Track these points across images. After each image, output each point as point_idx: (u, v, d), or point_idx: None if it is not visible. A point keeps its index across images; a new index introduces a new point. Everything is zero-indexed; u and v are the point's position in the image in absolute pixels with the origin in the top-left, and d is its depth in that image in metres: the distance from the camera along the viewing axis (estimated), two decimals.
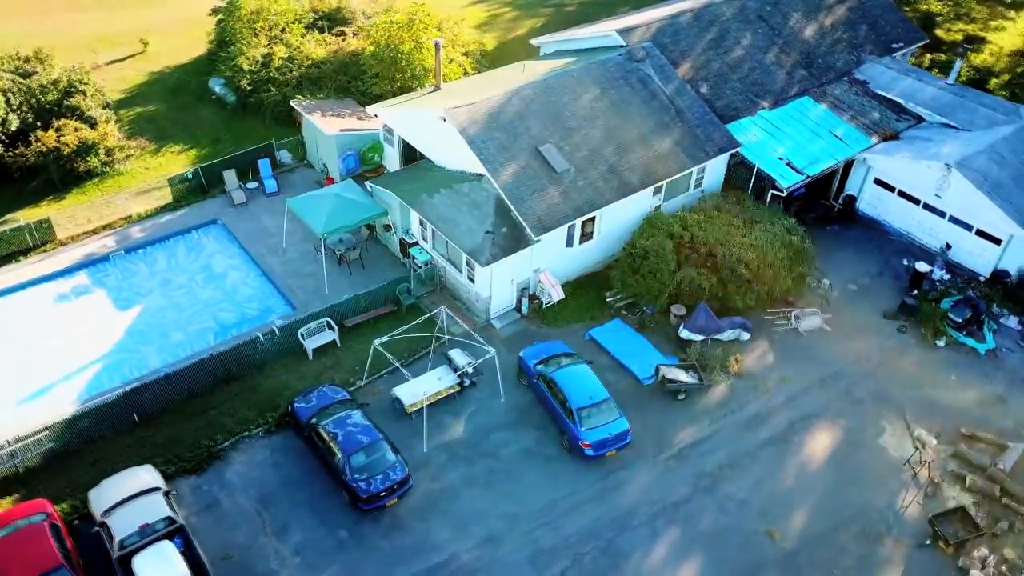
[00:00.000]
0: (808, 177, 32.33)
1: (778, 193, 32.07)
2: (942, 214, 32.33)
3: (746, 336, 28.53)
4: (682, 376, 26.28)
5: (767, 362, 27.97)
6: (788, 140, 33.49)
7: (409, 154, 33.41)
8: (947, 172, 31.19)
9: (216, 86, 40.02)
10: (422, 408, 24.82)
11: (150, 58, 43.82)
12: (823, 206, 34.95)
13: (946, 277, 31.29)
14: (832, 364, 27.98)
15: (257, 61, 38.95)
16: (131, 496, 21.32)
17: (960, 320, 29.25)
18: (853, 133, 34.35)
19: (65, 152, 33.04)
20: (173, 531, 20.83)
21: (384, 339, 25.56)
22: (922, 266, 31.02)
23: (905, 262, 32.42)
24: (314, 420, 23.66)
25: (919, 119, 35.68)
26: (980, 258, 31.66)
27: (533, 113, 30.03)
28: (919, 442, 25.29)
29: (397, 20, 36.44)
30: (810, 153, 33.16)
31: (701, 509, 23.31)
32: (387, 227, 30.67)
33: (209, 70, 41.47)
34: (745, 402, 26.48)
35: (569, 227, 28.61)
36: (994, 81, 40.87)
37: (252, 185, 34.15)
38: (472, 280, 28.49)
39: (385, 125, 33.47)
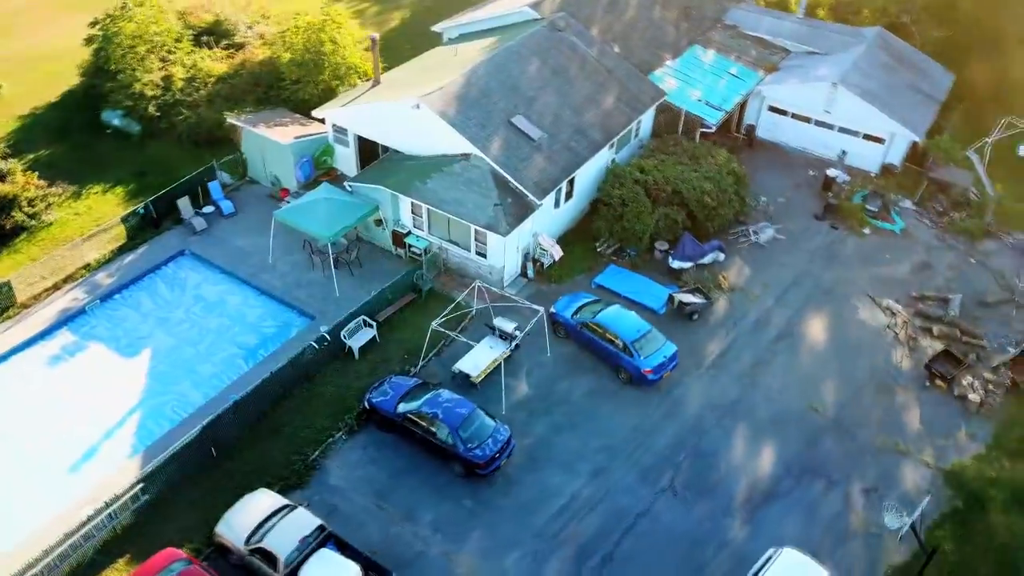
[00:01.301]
0: (726, 112, 36.91)
1: (707, 130, 36.38)
2: (831, 127, 38.17)
3: (722, 257, 32.52)
4: (693, 298, 29.76)
5: (746, 274, 32.16)
6: (698, 84, 37.86)
7: (365, 151, 34.12)
8: (833, 89, 36.92)
9: (113, 119, 37.81)
10: (486, 376, 26.45)
11: (9, 102, 40.29)
12: (730, 138, 39.79)
13: (847, 179, 37.12)
14: (795, 265, 32.72)
15: (158, 85, 37.34)
16: (270, 516, 21.36)
17: (876, 209, 35.16)
18: (744, 70, 39.41)
19: None
20: (324, 538, 21.20)
21: (439, 320, 26.78)
22: (832, 172, 36.62)
23: (812, 172, 37.98)
24: (403, 408, 24.56)
25: (786, 51, 41.47)
26: (869, 158, 37.86)
27: (494, 90, 31.98)
28: (889, 310, 30.60)
29: (311, 23, 36.47)
30: (719, 92, 37.75)
31: (753, 403, 26.97)
32: (378, 222, 31.37)
33: (92, 104, 38.92)
34: (745, 311, 30.47)
35: (557, 189, 31.02)
36: (820, 12, 47.82)
37: (208, 210, 33.23)
38: (483, 255, 30.14)
39: (335, 126, 33.85)
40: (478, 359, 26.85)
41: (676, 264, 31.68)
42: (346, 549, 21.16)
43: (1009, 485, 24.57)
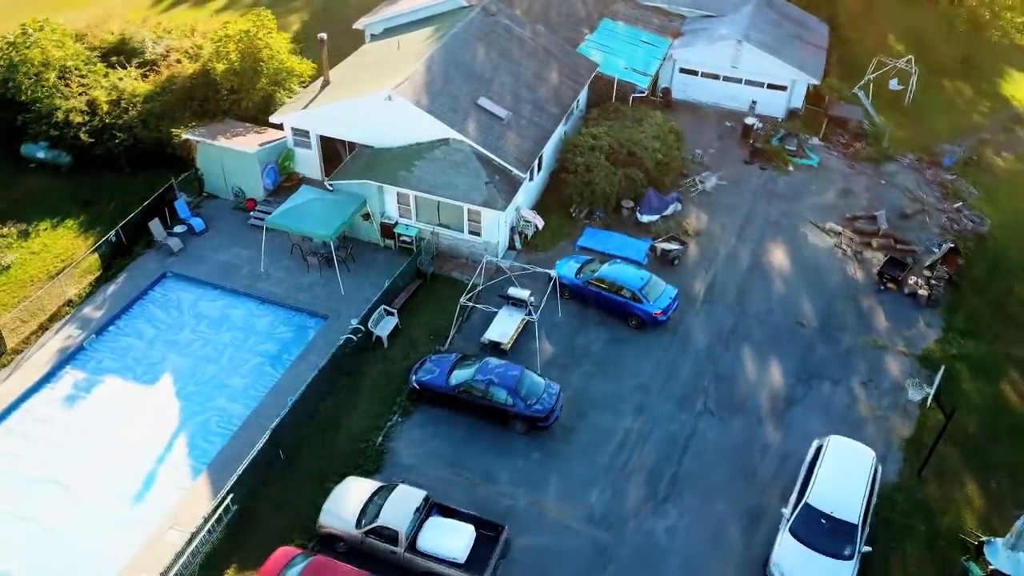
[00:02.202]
0: (651, 76, 40.30)
1: (639, 95, 39.63)
2: (738, 81, 42.50)
3: (679, 207, 35.85)
4: (672, 245, 32.86)
5: (703, 219, 35.65)
6: (620, 54, 41.03)
7: (326, 151, 34.75)
8: (739, 46, 41.18)
9: (37, 152, 36.10)
10: (512, 343, 28.36)
11: None
12: (649, 101, 43.24)
13: (761, 125, 41.55)
14: (741, 205, 36.59)
15: (83, 111, 36.05)
16: (372, 498, 22.35)
17: (793, 149, 39.77)
18: (654, 38, 43.01)
19: None
20: (430, 508, 22.45)
21: (467, 295, 28.34)
22: (750, 120, 40.90)
23: (728, 124, 42.15)
24: (456, 380, 26.02)
25: (682, 16, 45.48)
26: (775, 104, 42.50)
27: (454, 76, 33.60)
28: (832, 232, 35.05)
29: (243, 29, 36.33)
30: (640, 60, 41.10)
31: (748, 327, 30.40)
32: (365, 216, 32.22)
33: (5, 140, 36.90)
34: (715, 251, 33.93)
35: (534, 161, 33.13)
36: None
37: (179, 229, 32.77)
38: (476, 233, 31.79)
39: (295, 129, 34.23)
40: (504, 327, 28.63)
41: (645, 218, 34.66)
42: (453, 514, 22.49)
43: (969, 359, 29.34)
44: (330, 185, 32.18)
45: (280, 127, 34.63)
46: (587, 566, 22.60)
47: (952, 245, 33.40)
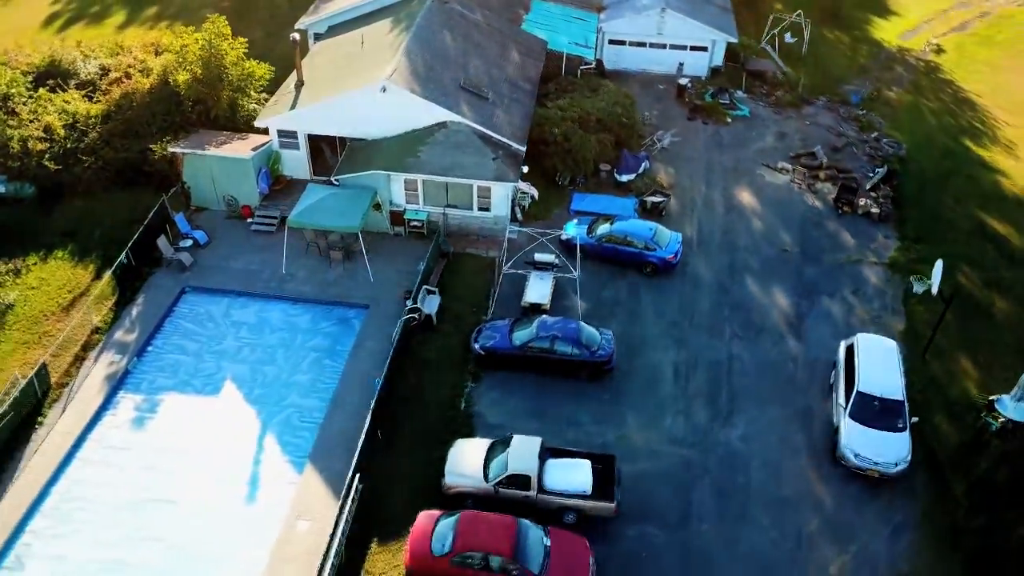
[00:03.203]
0: (593, 49, 43.49)
1: (587, 67, 42.73)
2: (663, 46, 46.50)
3: (649, 165, 39.30)
4: (658, 198, 36.26)
5: (670, 172, 39.30)
6: (561, 31, 43.94)
7: (313, 151, 35.60)
8: (662, 14, 45.14)
9: (17, 188, 34.67)
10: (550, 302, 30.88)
11: None
12: (584, 74, 46.45)
13: (690, 85, 45.76)
14: (698, 157, 40.54)
15: (41, 139, 34.96)
16: (490, 453, 24.33)
17: (727, 102, 44.24)
18: (583, 13, 46.20)
19: None
20: (544, 451, 24.59)
21: (509, 265, 30.46)
22: (683, 80, 44.98)
23: (661, 87, 46.10)
24: (519, 341, 28.17)
25: None
26: (698, 65, 46.84)
27: (432, 63, 35.35)
28: (784, 170, 39.66)
29: (204, 37, 36.19)
30: (578, 35, 44.20)
31: (743, 260, 34.26)
32: (376, 206, 33.41)
33: None
34: (691, 199, 37.63)
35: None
36: None
37: (186, 244, 32.73)
38: (486, 209, 33.81)
39: (282, 131, 34.82)
40: (540, 289, 30.98)
41: (624, 178, 37.87)
42: (564, 455, 24.74)
43: (926, 260, 34.47)
44: (336, 180, 33.15)
45: (262, 131, 35.07)
46: (686, 481, 25.55)
47: (888, 168, 38.73)
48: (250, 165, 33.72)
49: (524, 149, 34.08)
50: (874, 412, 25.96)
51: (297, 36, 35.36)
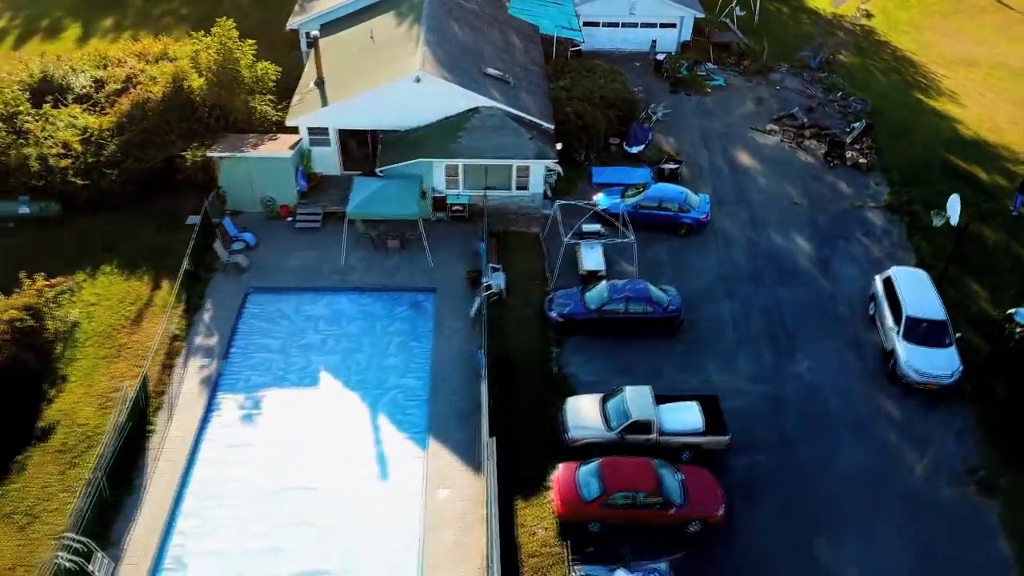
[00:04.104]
0: (579, 31, 45.83)
1: (576, 49, 45.02)
2: (635, 25, 49.31)
3: (651, 136, 41.98)
4: (674, 164, 38.99)
5: (670, 142, 42.12)
6: (545, 16, 46.00)
7: (342, 146, 36.55)
8: None
9: (20, 208, 33.92)
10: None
11: None
12: (564, 54, 48.76)
13: (665, 60, 48.76)
14: (692, 126, 43.55)
15: (61, 154, 34.51)
16: (605, 405, 26.38)
17: (704, 74, 47.49)
18: None
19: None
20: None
21: (569, 236, 32.45)
22: (660, 56, 47.92)
23: (637, 64, 48.92)
24: (594, 305, 30.28)
25: None
26: (668, 41, 49.88)
27: (451, 51, 36.81)
28: (773, 132, 43.17)
29: (217, 41, 36.29)
30: (564, 19, 46.35)
31: (762, 216, 37.37)
32: (422, 194, 34.61)
33: None
34: (698, 164, 40.54)
35: None
36: None
37: (238, 247, 33.13)
38: (524, 188, 35.63)
39: (312, 129, 35.54)
40: (594, 257, 33.13)
41: (635, 149, 40.41)
42: (672, 399, 27.02)
43: (916, 200, 38.56)
44: (380, 171, 34.22)
45: (284, 131, 35.70)
46: (773, 412, 28.36)
47: (867, 122, 42.82)
48: (290, 164, 34.34)
49: (553, 127, 36.05)
50: (924, 332, 29.43)
51: (317, 33, 36.05)
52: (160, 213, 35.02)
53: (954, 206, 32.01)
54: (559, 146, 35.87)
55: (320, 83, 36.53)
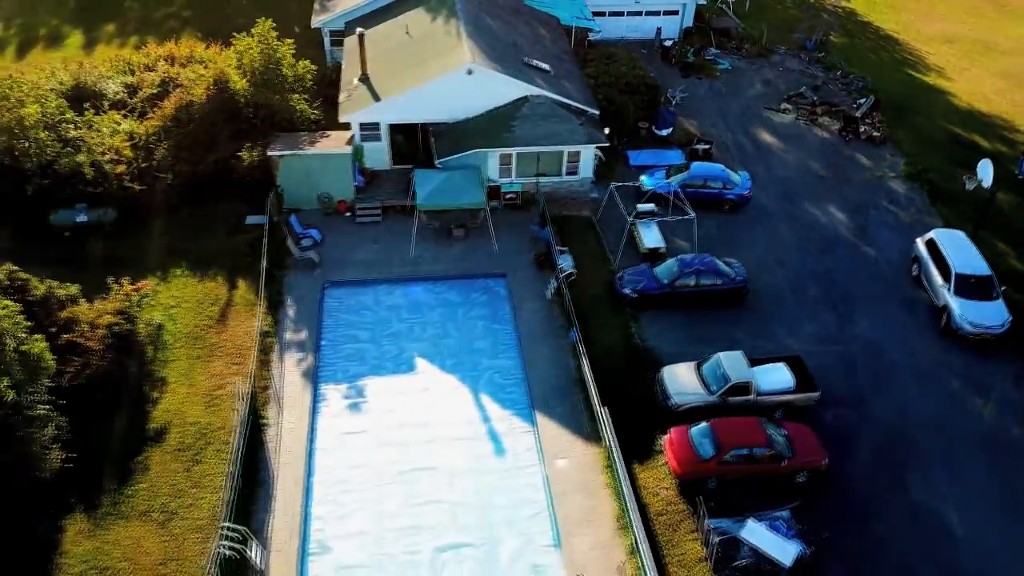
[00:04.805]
0: (594, 20, 47.41)
1: (594, 38, 46.58)
2: (639, 14, 51.12)
3: (673, 118, 43.81)
4: (706, 144, 40.87)
5: (695, 123, 44.00)
6: (559, 6, 47.35)
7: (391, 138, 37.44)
8: None
9: (77, 216, 33.83)
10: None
11: None
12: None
13: (669, 43, 50.67)
14: (711, 108, 45.52)
15: (116, 160, 34.62)
16: (699, 371, 28.00)
17: (713, 57, 49.58)
18: None
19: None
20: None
21: (632, 216, 33.96)
22: (668, 42, 49.81)
23: (643, 51, 50.73)
24: (666, 281, 31.90)
25: None
26: (671, 28, 51.80)
27: (492, 44, 37.98)
28: (787, 110, 45.45)
29: (259, 41, 36.68)
30: (576, 9, 47.83)
31: (793, 187, 39.52)
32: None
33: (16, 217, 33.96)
34: (722, 143, 42.49)
35: None
36: None
37: (307, 243, 33.73)
38: (574, 173, 37.03)
39: (363, 125, 36.30)
40: (653, 236, 34.75)
41: (663, 132, 42.19)
42: (759, 362, 28.76)
43: (930, 169, 41.26)
44: (439, 164, 35.19)
45: (337, 128, 36.39)
46: (845, 369, 30.39)
47: (875, 98, 45.43)
48: (349, 160, 35.06)
49: (598, 112, 37.52)
50: (972, 287, 31.86)
51: (362, 30, 36.77)
52: (216, 215, 35.36)
53: (986, 170, 34.53)
54: (607, 130, 37.35)
55: (365, 79, 37.29)
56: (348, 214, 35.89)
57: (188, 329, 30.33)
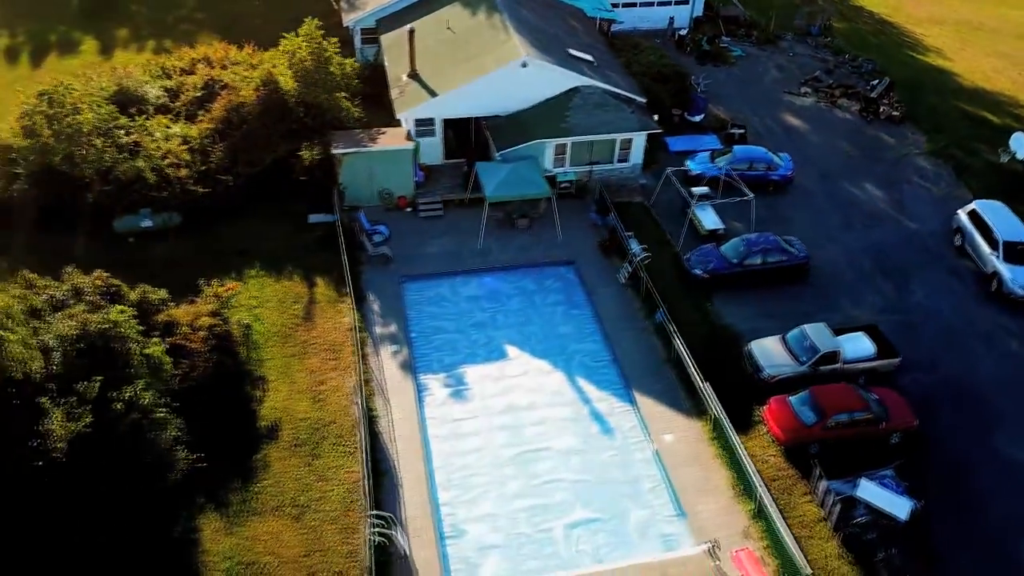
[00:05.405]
0: (615, 11, 48.57)
1: (618, 28, 47.78)
2: (651, 4, 52.45)
3: (705, 104, 45.17)
4: (738, 129, 42.32)
5: (722, 108, 45.45)
6: (584, 0, 48.37)
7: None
8: None
9: (142, 221, 33.72)
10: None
11: None
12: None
13: (684, 32, 52.09)
14: (734, 93, 47.05)
15: (177, 164, 34.63)
16: (785, 343, 29.30)
17: (726, 46, 51.13)
18: None
19: None
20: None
21: (694, 203, 35.16)
22: (684, 31, 51.21)
23: (657, 40, 52.07)
24: (735, 260, 33.20)
25: None
26: (681, 18, 53.24)
27: (537, 37, 38.82)
28: (807, 94, 47.19)
29: (301, 43, 36.89)
30: (598, 1, 48.92)
31: (826, 167, 41.16)
32: None
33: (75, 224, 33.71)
34: (753, 126, 44.02)
35: None
36: None
37: (378, 239, 34.17)
38: (625, 160, 38.10)
39: (419, 120, 36.84)
40: (712, 218, 36.00)
41: (696, 118, 43.57)
42: (839, 332, 30.21)
43: (953, 144, 43.32)
44: (499, 156, 35.91)
45: (394, 123, 36.92)
46: (911, 335, 31.94)
47: (889, 79, 47.46)
48: (411, 155, 35.56)
49: (645, 100, 38.64)
50: (1020, 254, 33.82)
51: (412, 27, 37.27)
52: (277, 214, 35.53)
53: (1019, 142, 36.57)
54: (656, 117, 38.50)
55: (414, 75, 37.81)
56: (408, 209, 36.39)
57: (276, 328, 30.58)
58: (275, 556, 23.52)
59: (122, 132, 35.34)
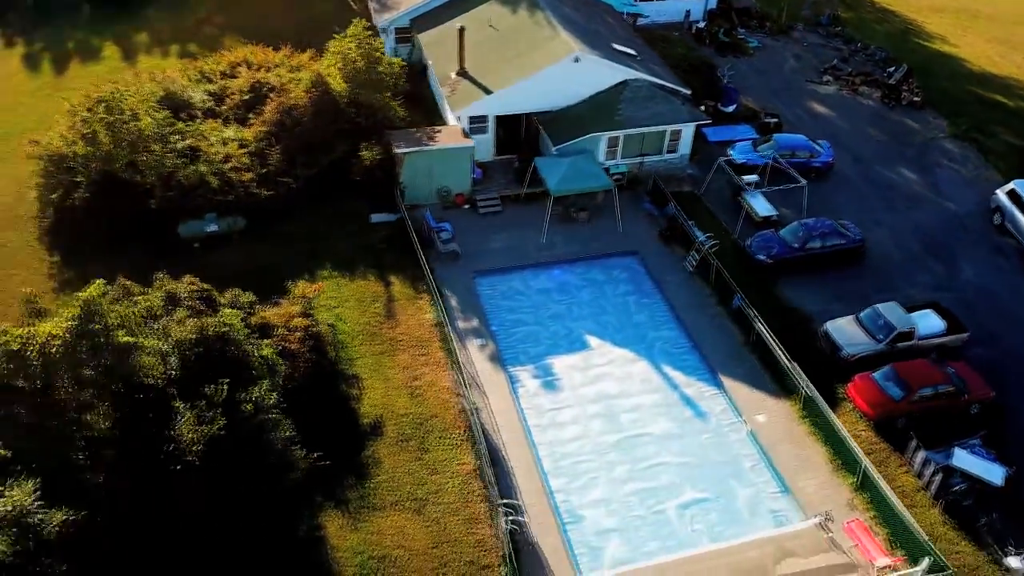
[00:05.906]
0: (639, 5, 49.44)
1: (643, 23, 48.64)
2: None
3: (737, 95, 46.23)
4: (772, 118, 43.46)
5: (752, 98, 46.56)
6: None
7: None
8: None
9: (207, 226, 33.61)
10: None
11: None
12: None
13: (702, 25, 53.16)
14: (759, 83, 48.20)
15: (239, 167, 34.68)
16: (860, 322, 30.42)
17: (743, 37, 52.34)
18: None
19: None
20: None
21: (753, 187, 36.13)
22: (701, 24, 52.26)
23: (676, 34, 53.07)
24: (797, 245, 34.27)
25: None
26: (696, 11, 54.30)
27: (582, 32, 39.51)
28: (829, 82, 48.55)
29: (350, 43, 37.07)
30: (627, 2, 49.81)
31: (859, 153, 42.50)
32: None
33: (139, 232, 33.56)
34: (784, 115, 45.21)
35: None
36: None
37: (445, 236, 34.53)
38: (673, 151, 38.97)
39: (472, 118, 37.29)
40: (764, 204, 37.03)
41: (729, 108, 44.58)
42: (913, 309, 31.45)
43: (972, 128, 45.01)
44: (556, 151, 36.52)
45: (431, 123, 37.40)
46: (968, 312, 33.19)
47: (907, 66, 49.03)
48: (470, 153, 35.99)
49: (690, 92, 39.54)
50: None
51: (463, 26, 37.66)
52: (339, 215, 35.68)
53: None
54: (702, 108, 39.41)
55: (463, 73, 38.23)
56: (466, 206, 36.82)
57: (360, 327, 30.83)
58: (404, 549, 23.90)
59: (178, 137, 35.23)
